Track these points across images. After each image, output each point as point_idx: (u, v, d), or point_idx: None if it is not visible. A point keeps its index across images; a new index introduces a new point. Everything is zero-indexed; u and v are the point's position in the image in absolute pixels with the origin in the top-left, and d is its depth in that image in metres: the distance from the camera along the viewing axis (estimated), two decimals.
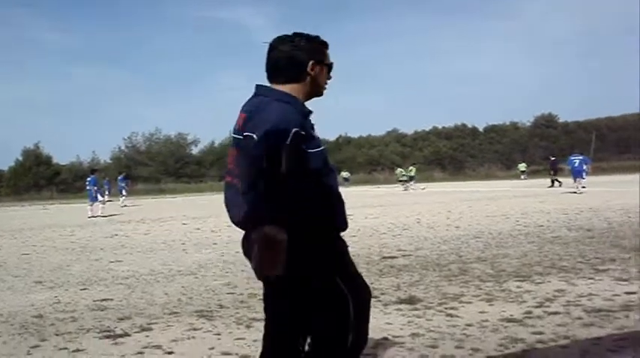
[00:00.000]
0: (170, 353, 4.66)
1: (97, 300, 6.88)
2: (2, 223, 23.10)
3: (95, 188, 25.12)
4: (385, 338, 4.77)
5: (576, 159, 28.26)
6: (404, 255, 9.37)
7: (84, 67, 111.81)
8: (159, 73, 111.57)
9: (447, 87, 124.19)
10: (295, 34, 2.74)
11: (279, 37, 2.75)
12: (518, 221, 14.32)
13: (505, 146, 75.73)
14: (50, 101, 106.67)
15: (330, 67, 2.79)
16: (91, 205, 24.81)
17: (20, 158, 63.70)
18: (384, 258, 9.20)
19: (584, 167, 27.96)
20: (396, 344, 4.62)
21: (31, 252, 12.37)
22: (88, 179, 26.19)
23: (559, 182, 34.48)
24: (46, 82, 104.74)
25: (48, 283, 8.27)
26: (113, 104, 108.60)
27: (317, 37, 2.77)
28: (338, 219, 2.66)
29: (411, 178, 43.65)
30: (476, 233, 11.88)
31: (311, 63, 2.69)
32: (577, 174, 27.63)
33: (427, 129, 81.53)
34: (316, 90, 2.77)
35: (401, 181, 44.28)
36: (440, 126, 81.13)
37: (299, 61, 2.68)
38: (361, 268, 8.19)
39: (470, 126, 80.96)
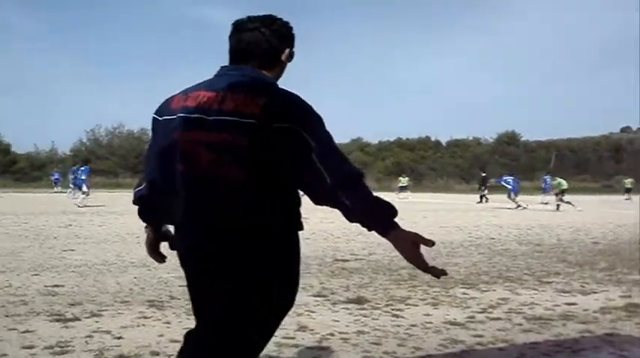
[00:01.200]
0: (119, 338, 4.72)
1: (49, 286, 6.88)
2: None
3: (83, 178, 25.40)
4: (331, 334, 4.91)
5: (509, 179, 30.89)
6: (356, 259, 9.52)
7: (46, 55, 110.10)
8: (123, 67, 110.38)
9: (415, 100, 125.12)
10: (273, 17, 2.51)
11: (256, 18, 2.49)
12: (470, 233, 14.59)
13: (466, 161, 76.53)
14: (9, 87, 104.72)
15: (293, 55, 2.57)
16: (82, 193, 24.95)
17: None
18: (337, 260, 9.34)
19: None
20: (341, 340, 4.76)
21: None
22: (82, 168, 26.30)
23: (486, 198, 34.87)
24: (7, 67, 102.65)
25: None
26: (74, 96, 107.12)
27: (289, 22, 2.56)
28: (300, 218, 2.44)
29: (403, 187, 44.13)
30: None
31: (287, 51, 2.51)
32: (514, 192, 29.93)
33: (391, 139, 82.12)
34: (278, 79, 2.53)
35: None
36: (404, 138, 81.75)
37: (278, 47, 2.47)
38: (313, 269, 8.34)
39: (433, 139, 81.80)
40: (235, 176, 2.25)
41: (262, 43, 2.43)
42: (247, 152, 2.23)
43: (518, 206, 27.85)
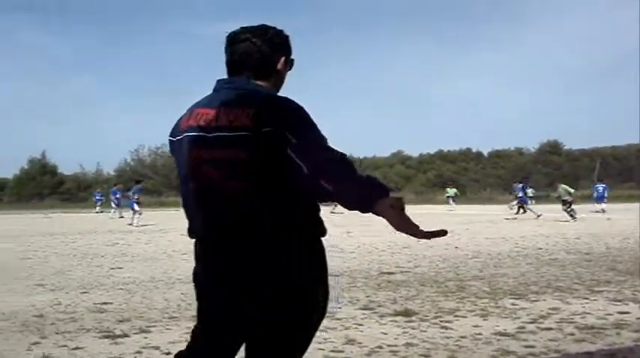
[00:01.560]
0: (168, 353, 4.75)
1: (97, 303, 6.98)
2: (5, 229, 23.19)
3: (136, 197, 26.06)
4: (379, 347, 4.87)
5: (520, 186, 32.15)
6: (402, 271, 9.45)
7: (90, 79, 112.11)
8: (164, 87, 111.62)
9: (455, 112, 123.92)
10: (265, 27, 2.49)
11: (248, 29, 2.48)
12: (517, 243, 14.39)
13: (508, 171, 75.70)
14: (55, 109, 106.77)
15: (292, 63, 2.56)
16: (134, 213, 25.54)
17: (26, 166, 64.07)
18: (382, 273, 9.28)
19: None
20: (390, 353, 4.72)
21: (33, 257, 12.49)
22: (134, 188, 27.06)
23: (524, 209, 33.48)
24: (52, 89, 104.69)
25: (49, 286, 8.37)
26: (117, 116, 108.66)
27: (283, 31, 2.53)
28: (317, 223, 2.42)
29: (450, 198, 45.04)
30: (474, 253, 11.95)
31: (282, 59, 2.49)
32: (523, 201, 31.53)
33: (432, 152, 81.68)
34: (278, 88, 2.52)
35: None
36: (445, 150, 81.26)
37: (272, 56, 2.46)
38: (359, 282, 8.31)
39: (475, 150, 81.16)
40: (235, 189, 2.30)
41: (254, 54, 2.43)
42: (247, 164, 2.27)
43: (516, 214, 29.55)
